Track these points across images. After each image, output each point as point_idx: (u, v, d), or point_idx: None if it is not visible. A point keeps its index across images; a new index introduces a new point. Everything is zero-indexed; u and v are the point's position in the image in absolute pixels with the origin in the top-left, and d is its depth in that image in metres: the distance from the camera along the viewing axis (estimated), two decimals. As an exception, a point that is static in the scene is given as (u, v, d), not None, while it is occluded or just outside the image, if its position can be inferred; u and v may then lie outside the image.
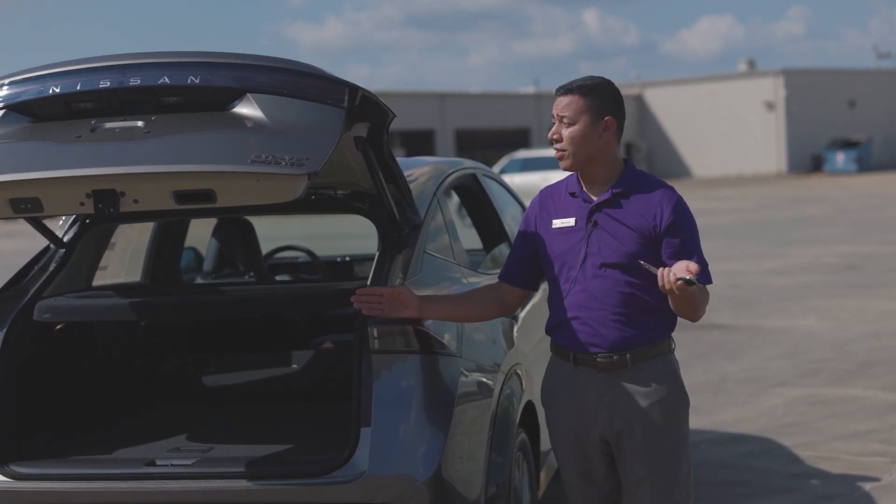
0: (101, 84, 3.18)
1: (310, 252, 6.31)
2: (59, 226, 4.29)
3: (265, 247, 6.04)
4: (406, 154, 37.19)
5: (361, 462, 3.35)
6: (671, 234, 3.34)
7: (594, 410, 3.41)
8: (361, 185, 3.79)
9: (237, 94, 3.17)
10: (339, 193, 3.97)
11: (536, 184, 19.95)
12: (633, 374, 3.37)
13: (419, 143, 49.83)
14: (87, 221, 4.25)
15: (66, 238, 4.22)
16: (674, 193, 3.42)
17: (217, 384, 4.88)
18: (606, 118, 3.38)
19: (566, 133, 3.38)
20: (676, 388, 3.43)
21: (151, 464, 3.58)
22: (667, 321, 3.41)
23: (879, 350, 9.43)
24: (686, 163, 60.48)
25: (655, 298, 3.32)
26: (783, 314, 11.63)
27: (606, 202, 3.39)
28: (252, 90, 3.16)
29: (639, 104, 61.45)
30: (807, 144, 57.65)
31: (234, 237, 5.82)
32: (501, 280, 3.60)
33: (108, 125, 3.15)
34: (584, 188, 3.44)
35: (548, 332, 3.53)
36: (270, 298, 4.24)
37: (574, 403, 3.44)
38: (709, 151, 59.25)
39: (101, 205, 3.07)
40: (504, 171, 31.49)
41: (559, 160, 3.42)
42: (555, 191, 3.54)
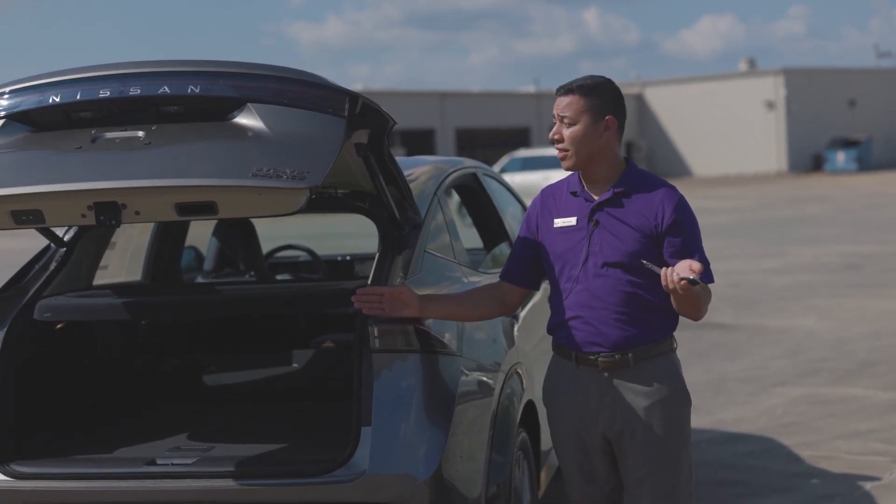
0: (101, 93, 3.17)
1: (310, 251, 6.31)
2: (60, 225, 4.29)
3: (265, 246, 6.04)
4: (406, 153, 37.16)
5: (362, 461, 3.35)
6: (673, 234, 3.34)
7: (596, 410, 3.41)
8: (362, 186, 3.79)
9: (237, 104, 3.16)
10: (340, 193, 3.97)
11: (537, 183, 19.96)
12: (635, 374, 3.37)
13: (420, 143, 49.81)
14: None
15: (67, 237, 4.22)
16: (675, 192, 3.42)
17: (217, 383, 4.87)
18: (607, 117, 3.37)
19: (567, 133, 3.38)
20: (678, 388, 3.43)
21: (152, 463, 3.58)
22: (669, 320, 3.41)
23: (880, 349, 9.43)
24: (686, 162, 60.44)
25: (657, 297, 3.32)
26: (783, 313, 11.63)
27: (608, 201, 3.39)
28: (252, 100, 3.15)
29: (639, 103, 61.42)
30: (807, 144, 57.62)
31: (235, 237, 5.83)
32: (502, 279, 3.60)
33: (109, 135, 3.14)
34: (586, 187, 3.44)
35: (549, 332, 3.53)
36: (271, 298, 4.24)
37: (576, 403, 3.44)
38: (709, 151, 59.19)
39: (103, 217, 3.07)
40: (504, 171, 31.47)
41: (561, 160, 3.42)
42: (556, 190, 3.54)
